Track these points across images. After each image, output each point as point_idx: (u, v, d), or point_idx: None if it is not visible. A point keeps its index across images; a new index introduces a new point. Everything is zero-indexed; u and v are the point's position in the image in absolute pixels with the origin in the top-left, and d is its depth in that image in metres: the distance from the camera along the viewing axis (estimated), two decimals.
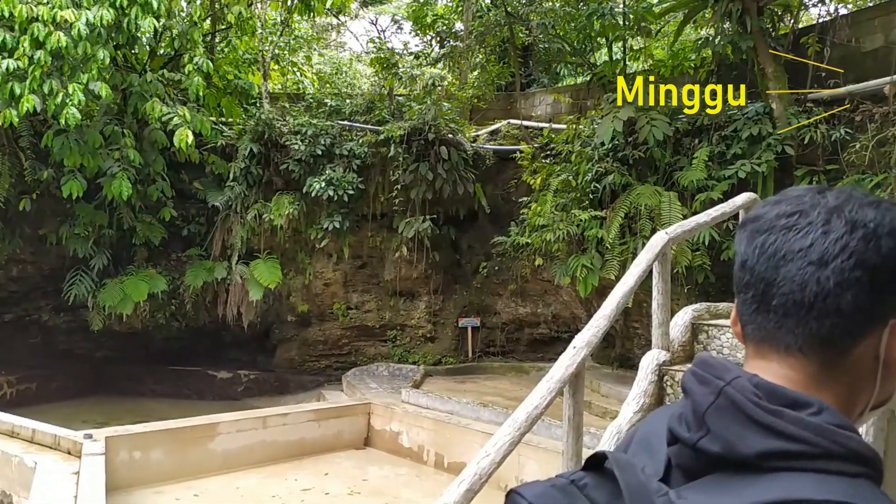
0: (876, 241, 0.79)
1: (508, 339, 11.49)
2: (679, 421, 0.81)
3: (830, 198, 0.83)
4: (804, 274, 0.80)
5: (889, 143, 6.92)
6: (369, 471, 7.54)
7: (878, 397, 0.84)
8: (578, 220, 8.18)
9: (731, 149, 7.66)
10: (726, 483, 0.75)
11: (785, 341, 0.82)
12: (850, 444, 0.73)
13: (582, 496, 0.78)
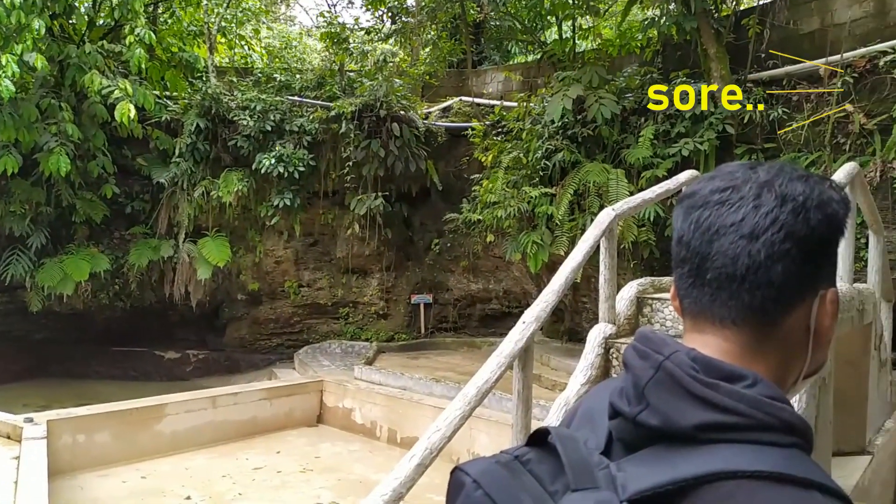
0: (805, 214, 0.80)
1: (461, 315, 11.59)
2: (620, 395, 0.82)
3: (762, 173, 0.84)
4: (736, 247, 0.81)
5: (823, 123, 7.17)
6: (322, 448, 7.55)
7: (811, 366, 0.86)
8: (529, 197, 8.26)
9: (675, 127, 7.83)
10: (664, 455, 0.76)
11: (719, 314, 0.84)
12: (782, 415, 0.75)
13: (525, 471, 0.79)
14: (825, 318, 0.83)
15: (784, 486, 0.70)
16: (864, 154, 7.06)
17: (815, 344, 0.84)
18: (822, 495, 0.71)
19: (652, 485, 0.72)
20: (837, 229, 0.83)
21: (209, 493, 5.96)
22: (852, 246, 4.77)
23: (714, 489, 0.70)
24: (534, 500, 0.76)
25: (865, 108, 7.10)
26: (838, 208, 0.83)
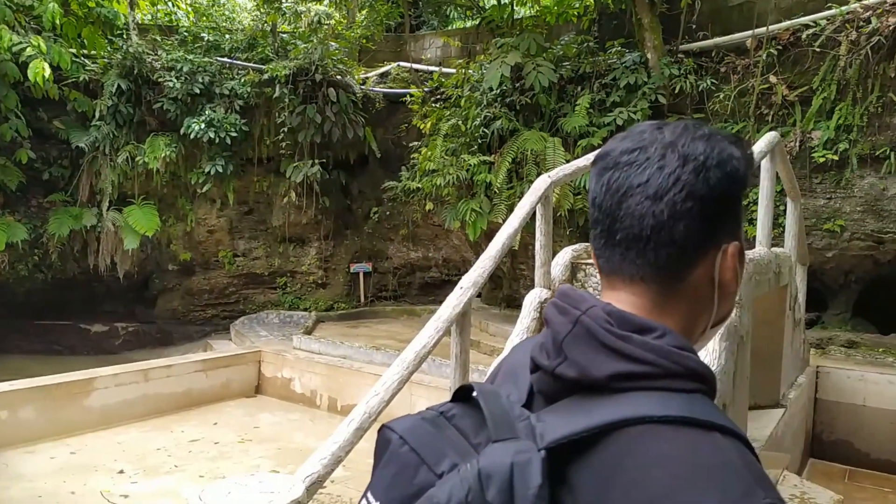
0: (705, 173, 0.83)
1: (400, 284, 11.60)
2: (540, 350, 0.85)
3: (667, 133, 0.86)
4: (642, 208, 0.84)
5: (749, 94, 7.42)
6: (261, 418, 7.50)
7: (717, 316, 0.91)
8: (468, 165, 8.29)
9: (610, 97, 7.97)
10: (581, 405, 0.79)
11: (629, 272, 0.87)
12: (688, 363, 0.79)
13: (450, 426, 0.82)
14: (727, 272, 0.87)
15: (688, 428, 0.73)
16: (785, 124, 7.36)
17: (720, 295, 0.88)
18: (723, 436, 0.74)
19: (568, 433, 0.75)
20: (738, 185, 0.86)
21: (143, 467, 5.86)
22: (771, 212, 4.99)
23: (625, 434, 0.74)
24: (458, 453, 0.78)
25: (788, 79, 7.38)
26: (739, 165, 0.86)
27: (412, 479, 0.79)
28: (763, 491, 0.69)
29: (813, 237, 7.33)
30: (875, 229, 7.19)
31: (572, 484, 0.75)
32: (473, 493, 0.73)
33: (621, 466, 0.72)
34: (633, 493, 0.70)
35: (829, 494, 4.74)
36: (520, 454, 0.74)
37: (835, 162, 7.07)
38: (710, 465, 0.70)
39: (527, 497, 0.72)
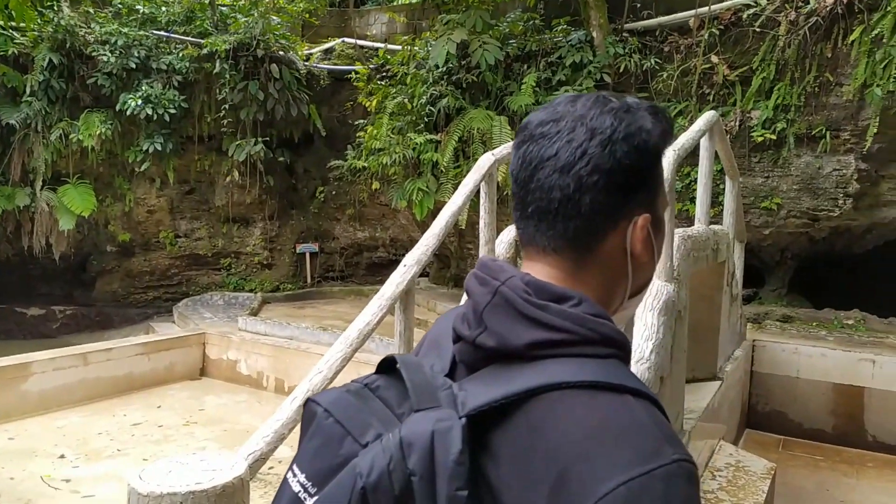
0: (611, 147, 0.84)
1: (347, 264, 11.50)
2: (462, 320, 0.86)
3: (579, 106, 0.87)
4: (551, 181, 0.85)
5: (691, 73, 7.55)
6: (206, 400, 7.39)
7: (634, 286, 0.92)
8: (414, 144, 8.23)
9: (556, 75, 8.00)
10: (500, 373, 0.80)
11: (542, 243, 0.89)
12: (603, 330, 0.81)
13: (375, 397, 0.83)
14: (638, 243, 0.88)
15: (601, 392, 0.76)
16: (726, 104, 7.52)
17: (633, 266, 0.90)
18: (635, 398, 0.77)
19: (488, 400, 0.77)
20: (648, 158, 0.87)
21: (84, 452, 5.73)
22: (709, 190, 5.11)
23: (542, 400, 0.76)
24: (382, 424, 0.79)
25: (729, 59, 7.53)
26: (648, 138, 0.86)
27: (337, 450, 0.80)
28: (672, 448, 0.72)
29: (751, 215, 7.54)
30: (810, 207, 7.44)
31: (493, 450, 0.77)
32: (395, 461, 0.74)
33: (540, 431, 0.75)
34: (551, 455, 0.73)
35: (762, 463, 4.94)
36: (441, 422, 0.76)
37: (773, 141, 7.27)
38: (623, 426, 0.73)
39: (447, 463, 0.73)
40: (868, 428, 6.32)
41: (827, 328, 7.34)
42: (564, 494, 0.70)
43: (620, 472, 0.69)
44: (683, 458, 0.72)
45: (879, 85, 6.58)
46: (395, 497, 0.74)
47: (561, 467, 0.71)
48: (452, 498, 0.73)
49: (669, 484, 0.69)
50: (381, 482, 0.74)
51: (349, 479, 0.76)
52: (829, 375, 6.48)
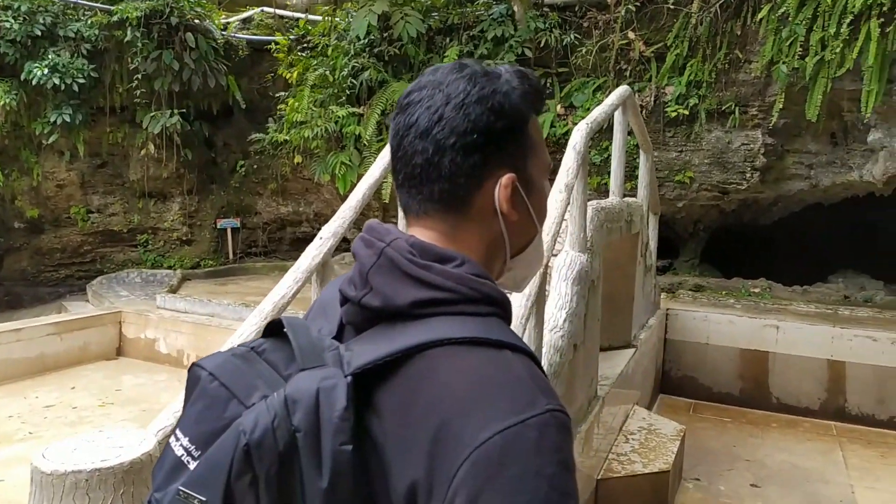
0: (465, 110, 0.87)
1: (271, 239, 11.29)
2: (349, 283, 0.88)
3: (439, 74, 0.91)
4: (413, 146, 0.89)
5: (609, 49, 7.71)
6: (123, 380, 7.20)
7: (514, 245, 0.95)
8: (336, 117, 8.12)
9: (478, 49, 8.01)
10: (385, 332, 0.83)
11: (415, 208, 0.92)
12: (483, 289, 0.85)
13: (261, 360, 0.84)
14: (504, 202, 0.90)
15: (480, 347, 0.79)
16: (642, 80, 7.71)
17: (507, 225, 0.92)
18: (512, 353, 0.80)
19: (373, 358, 0.79)
20: (506, 120, 0.89)
21: None
22: (623, 163, 5.25)
23: (425, 356, 0.78)
24: (268, 386, 0.80)
25: (645, 36, 7.71)
26: (504, 100, 0.89)
27: (222, 412, 0.80)
28: (546, 399, 0.76)
29: (665, 188, 7.80)
30: (721, 180, 7.75)
31: (378, 407, 0.78)
32: (279, 419, 0.75)
33: (422, 386, 0.77)
34: (431, 408, 0.75)
35: (673, 425, 5.17)
36: (326, 380, 0.77)
37: (686, 116, 7.51)
38: (500, 379, 0.76)
39: (332, 419, 0.75)
40: (772, 390, 6.65)
41: (735, 296, 7.70)
42: (443, 444, 0.73)
43: (496, 422, 0.72)
44: (556, 409, 0.75)
45: (785, 62, 6.87)
46: (279, 453, 0.75)
47: (441, 419, 0.74)
48: (337, 452, 0.74)
49: (542, 432, 0.73)
50: (265, 439, 0.75)
51: (232, 438, 0.76)
52: (737, 341, 6.78)
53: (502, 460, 0.71)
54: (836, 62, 6.67)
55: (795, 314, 7.03)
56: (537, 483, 0.71)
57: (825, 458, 5.60)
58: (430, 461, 0.73)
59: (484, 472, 0.70)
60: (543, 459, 0.72)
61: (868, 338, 6.31)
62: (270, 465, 0.75)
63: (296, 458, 0.75)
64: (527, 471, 0.71)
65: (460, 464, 0.71)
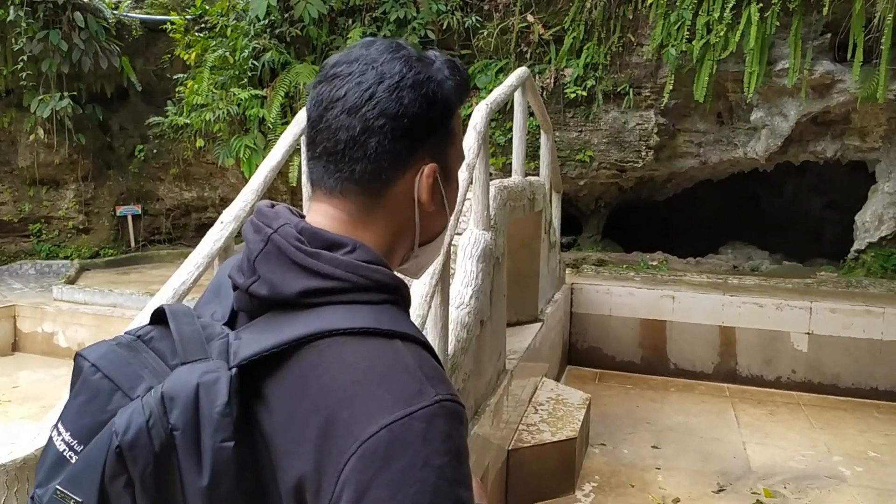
0: (398, 93, 0.84)
1: (175, 226, 10.91)
2: (238, 268, 0.86)
3: (373, 50, 0.87)
4: (339, 121, 0.85)
5: (510, 32, 7.85)
6: (20, 377, 6.84)
7: (424, 234, 0.93)
8: (238, 99, 7.92)
9: (381, 31, 7.97)
10: (273, 322, 0.80)
11: (328, 185, 0.88)
12: (375, 276, 0.82)
13: (147, 349, 0.82)
14: (424, 192, 0.89)
15: (371, 338, 0.78)
16: (542, 62, 7.90)
17: (421, 214, 0.90)
18: (403, 343, 0.79)
19: (260, 349, 0.77)
20: (437, 109, 0.88)
21: None
22: (524, 142, 5.39)
23: (313, 347, 0.77)
24: (155, 376, 0.78)
25: (543, 19, 7.88)
26: (438, 89, 0.87)
27: (105, 405, 0.77)
28: (434, 389, 0.75)
29: (567, 167, 8.05)
30: (618, 159, 8.07)
31: (267, 398, 0.77)
32: (155, 417, 0.73)
33: (310, 377, 0.75)
34: (319, 401, 0.74)
35: (580, 395, 5.38)
36: (207, 374, 0.75)
37: (584, 97, 7.76)
38: (387, 370, 0.75)
39: (212, 416, 0.73)
40: (670, 357, 7.00)
41: (635, 269, 8.05)
42: (331, 438, 0.72)
43: (383, 416, 0.71)
44: (446, 398, 0.74)
45: (674, 45, 7.21)
46: (155, 454, 0.73)
47: (328, 412, 0.73)
48: (218, 450, 0.72)
49: (431, 423, 0.72)
50: (139, 440, 0.72)
51: (106, 438, 0.74)
52: (637, 312, 7.08)
53: (389, 453, 0.70)
54: (721, 45, 7.05)
55: (690, 284, 7.41)
56: (425, 474, 0.70)
57: (719, 418, 5.95)
58: (317, 455, 0.72)
59: (371, 466, 0.70)
60: (431, 450, 0.71)
61: (755, 304, 6.75)
62: (145, 466, 0.73)
63: (173, 458, 0.73)
64: (414, 462, 0.70)
65: (348, 458, 0.70)
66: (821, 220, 9.86)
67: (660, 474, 4.87)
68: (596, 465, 4.96)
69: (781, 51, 7.05)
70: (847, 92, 7.00)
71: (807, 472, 4.95)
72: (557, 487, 4.47)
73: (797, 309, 6.63)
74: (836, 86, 7.06)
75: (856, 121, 7.39)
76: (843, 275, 7.59)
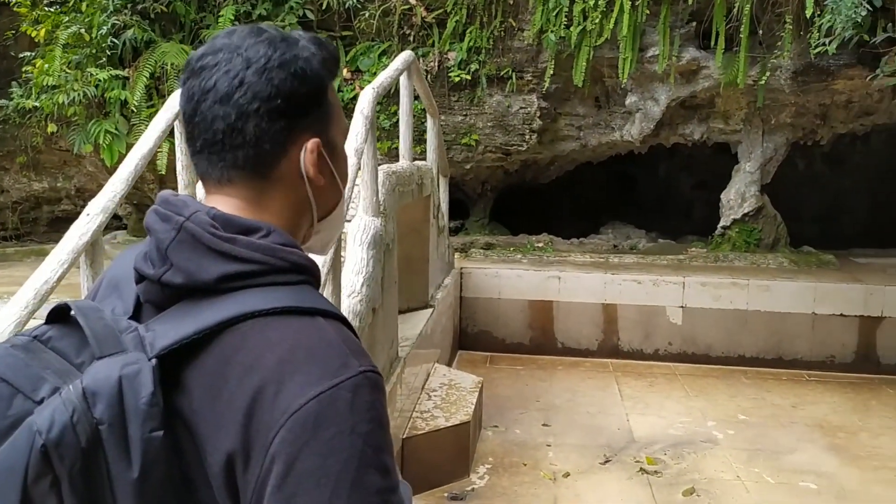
0: (267, 74, 0.86)
1: (24, 220, 9.93)
2: (144, 259, 0.85)
3: (235, 37, 0.89)
4: (213, 112, 0.86)
5: (392, 14, 7.69)
6: None
7: (322, 208, 0.96)
8: (96, 81, 7.28)
9: (256, 9, 7.58)
10: (190, 309, 0.81)
11: (216, 176, 0.90)
12: (291, 258, 0.85)
13: (47, 349, 0.79)
14: (311, 167, 0.90)
15: (293, 316, 0.80)
16: (426, 45, 7.81)
17: (313, 190, 0.92)
18: (324, 319, 0.82)
19: (179, 337, 0.77)
20: (309, 85, 0.89)
21: None
22: (411, 127, 5.32)
23: (235, 330, 0.78)
24: (58, 376, 0.76)
25: (426, 2, 7.79)
26: (307, 66, 0.89)
27: (6, 410, 0.75)
28: (358, 361, 0.78)
29: (454, 151, 8.04)
30: (503, 142, 8.14)
31: (186, 385, 0.78)
32: (79, 413, 0.72)
33: (233, 359, 0.77)
34: (245, 380, 0.75)
35: (472, 378, 5.41)
36: (128, 366, 0.75)
37: (468, 81, 7.75)
38: (312, 345, 0.78)
39: (138, 407, 0.73)
40: (557, 336, 7.20)
41: (522, 252, 8.18)
42: (258, 414, 0.74)
43: (311, 388, 0.74)
44: (368, 370, 0.78)
45: (553, 31, 7.33)
46: (82, 450, 0.72)
47: (254, 390, 0.75)
48: (147, 440, 0.73)
49: (356, 393, 0.76)
50: (65, 436, 0.71)
51: (25, 439, 0.72)
52: (525, 294, 7.23)
53: (318, 423, 0.73)
54: (596, 32, 7.25)
55: (574, 264, 7.65)
56: (352, 440, 0.74)
57: (604, 393, 6.19)
58: (245, 432, 0.74)
59: (301, 437, 0.73)
60: (357, 418, 0.75)
61: (634, 281, 7.05)
62: (73, 464, 0.72)
63: (100, 453, 0.73)
64: (342, 430, 0.74)
65: (277, 431, 0.73)
66: (691, 200, 10.47)
67: (550, 451, 5.01)
68: (489, 447, 5.03)
69: (652, 38, 7.35)
70: (711, 77, 7.41)
71: (684, 439, 5.23)
72: (453, 472, 4.51)
73: (672, 284, 6.99)
74: (702, 72, 7.46)
75: (720, 105, 7.85)
76: (711, 250, 8.07)
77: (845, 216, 10.19)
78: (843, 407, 5.89)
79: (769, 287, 6.83)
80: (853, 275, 7.18)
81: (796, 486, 4.53)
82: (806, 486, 4.52)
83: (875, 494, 4.43)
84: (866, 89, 7.19)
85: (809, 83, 7.14)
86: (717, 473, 4.68)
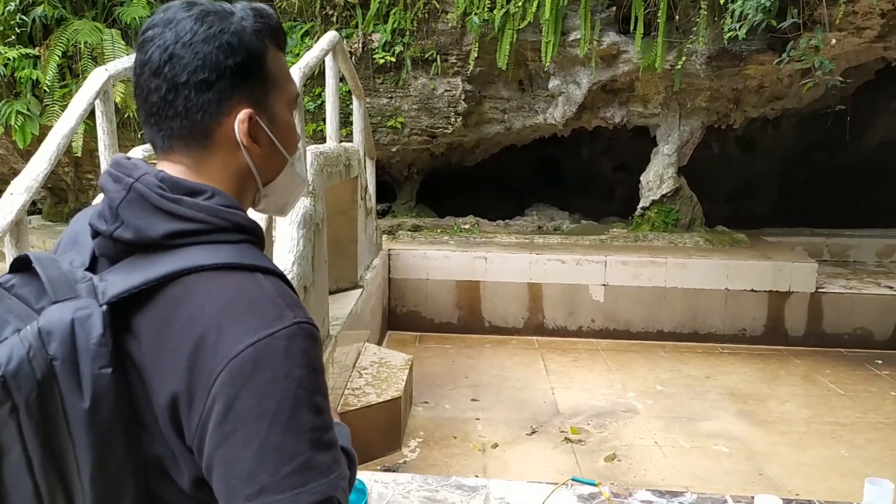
0: (193, 48, 0.90)
1: None
2: (99, 217, 0.91)
3: (170, 12, 0.93)
4: (148, 85, 0.92)
5: None
6: None
7: (265, 174, 1.00)
8: (6, 59, 6.92)
9: None
10: (139, 263, 0.87)
11: (159, 144, 0.96)
12: (234, 219, 0.91)
13: (10, 296, 0.86)
14: (244, 136, 0.94)
15: (234, 271, 0.87)
16: (349, 26, 7.77)
17: (252, 157, 0.97)
18: (263, 275, 0.89)
19: (128, 287, 0.84)
20: (237, 57, 0.92)
21: None
22: (337, 108, 5.31)
23: (179, 284, 0.85)
24: (20, 319, 0.82)
25: None
26: (233, 39, 0.92)
27: None
28: (293, 313, 0.85)
29: (379, 133, 8.04)
30: (428, 125, 8.20)
31: (136, 331, 0.84)
32: (35, 349, 0.79)
33: (178, 309, 0.83)
34: (188, 328, 0.82)
35: (402, 356, 5.50)
36: (80, 310, 0.82)
37: (393, 63, 7.75)
38: (251, 298, 0.85)
39: (89, 346, 0.80)
40: (485, 315, 7.34)
41: (449, 233, 8.29)
42: (201, 358, 0.81)
43: (248, 336, 0.81)
44: (302, 321, 0.85)
45: (476, 14, 7.42)
46: (37, 381, 0.79)
47: (197, 337, 0.81)
48: (97, 376, 0.80)
49: (290, 341, 0.82)
50: (22, 369, 0.78)
51: None
52: (453, 274, 7.34)
53: (255, 367, 0.80)
54: (520, 15, 7.39)
55: (500, 245, 7.80)
56: (287, 384, 0.81)
57: (530, 368, 6.38)
58: (189, 375, 0.81)
59: (239, 380, 0.79)
60: (291, 364, 0.82)
61: (558, 261, 7.27)
62: (30, 393, 0.79)
63: (55, 385, 0.79)
64: (277, 375, 0.81)
65: (217, 374, 0.80)
66: (612, 182, 10.81)
67: (479, 424, 5.16)
68: (420, 422, 5.14)
69: (573, 22, 7.53)
70: (631, 62, 7.66)
71: (606, 409, 5.48)
72: (385, 446, 4.61)
73: (594, 263, 7.24)
74: (622, 56, 7.70)
75: (639, 89, 8.13)
76: (631, 230, 8.39)
77: (757, 197, 10.76)
78: (753, 376, 6.27)
79: (686, 265, 7.17)
80: (763, 252, 7.61)
81: (710, 449, 4.84)
82: (718, 450, 4.83)
83: (781, 455, 4.76)
84: (776, 74, 7.59)
85: (723, 68, 7.48)
86: (637, 440, 4.94)
